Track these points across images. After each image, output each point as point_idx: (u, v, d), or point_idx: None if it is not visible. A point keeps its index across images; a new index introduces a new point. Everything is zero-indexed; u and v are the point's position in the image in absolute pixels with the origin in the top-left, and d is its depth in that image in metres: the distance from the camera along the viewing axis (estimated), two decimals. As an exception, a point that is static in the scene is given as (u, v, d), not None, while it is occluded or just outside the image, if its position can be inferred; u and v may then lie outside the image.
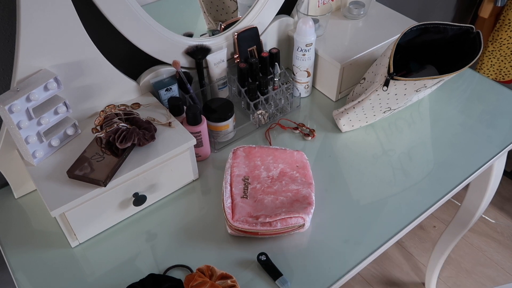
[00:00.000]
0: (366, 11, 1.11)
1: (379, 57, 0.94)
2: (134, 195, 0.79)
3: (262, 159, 0.85)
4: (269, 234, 0.76)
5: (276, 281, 0.71)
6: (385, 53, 0.90)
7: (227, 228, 0.77)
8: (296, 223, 0.75)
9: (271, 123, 0.99)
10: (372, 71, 0.94)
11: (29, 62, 0.72)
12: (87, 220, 0.76)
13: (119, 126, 0.77)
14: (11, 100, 0.69)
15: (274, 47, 1.02)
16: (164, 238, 0.78)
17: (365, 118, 0.95)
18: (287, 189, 0.80)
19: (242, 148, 0.86)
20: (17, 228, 0.81)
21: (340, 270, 0.73)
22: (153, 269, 0.73)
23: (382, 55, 0.93)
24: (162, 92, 0.90)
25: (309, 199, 0.79)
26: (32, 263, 0.75)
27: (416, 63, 1.02)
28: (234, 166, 0.83)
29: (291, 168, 0.84)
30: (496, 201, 1.81)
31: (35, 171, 0.76)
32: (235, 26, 0.97)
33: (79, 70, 0.79)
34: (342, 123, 0.95)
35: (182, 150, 0.81)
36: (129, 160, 0.77)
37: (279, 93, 1.00)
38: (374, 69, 0.94)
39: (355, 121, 0.95)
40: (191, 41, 0.91)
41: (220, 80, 0.99)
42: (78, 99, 0.82)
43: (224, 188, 0.79)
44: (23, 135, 0.73)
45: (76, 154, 0.77)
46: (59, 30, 0.73)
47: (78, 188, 0.72)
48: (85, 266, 0.75)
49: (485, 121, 0.99)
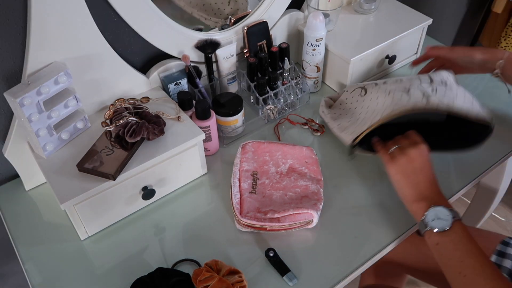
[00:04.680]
0: (377, 6, 1.10)
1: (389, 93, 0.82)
2: (143, 189, 0.79)
3: (271, 155, 0.85)
4: (277, 230, 0.76)
5: (284, 277, 0.71)
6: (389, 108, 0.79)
7: (236, 223, 0.77)
8: (304, 219, 0.75)
9: (280, 118, 0.98)
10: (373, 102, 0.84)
11: (39, 55, 0.73)
12: (96, 213, 0.76)
13: (128, 120, 0.77)
14: (22, 93, 0.69)
15: (284, 42, 1.01)
16: (173, 232, 0.79)
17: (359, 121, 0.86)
18: (295, 185, 0.80)
19: (251, 143, 0.86)
20: (27, 220, 0.81)
21: (349, 266, 0.73)
22: (162, 263, 0.74)
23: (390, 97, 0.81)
24: (171, 86, 0.90)
25: (318, 195, 0.78)
26: (42, 255, 0.76)
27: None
28: (243, 161, 0.82)
29: (300, 164, 0.84)
30: (507, 199, 1.79)
31: (46, 163, 0.76)
32: (245, 20, 0.96)
33: (89, 64, 0.80)
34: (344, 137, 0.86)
35: (191, 144, 0.81)
36: (138, 154, 0.77)
37: (288, 88, 1.00)
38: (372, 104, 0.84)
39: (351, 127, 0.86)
40: (201, 35, 0.91)
41: (229, 75, 0.98)
42: (88, 93, 0.83)
43: (233, 183, 0.79)
44: (34, 128, 0.73)
45: (86, 147, 0.77)
46: (69, 23, 0.73)
47: (88, 181, 0.73)
48: (94, 258, 0.75)
49: (497, 118, 0.97)
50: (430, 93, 0.78)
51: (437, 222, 0.67)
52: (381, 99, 0.82)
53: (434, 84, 0.81)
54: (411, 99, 0.78)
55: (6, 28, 0.70)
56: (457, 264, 0.65)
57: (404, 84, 0.82)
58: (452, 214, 0.67)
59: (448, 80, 0.82)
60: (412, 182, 0.73)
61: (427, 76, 0.84)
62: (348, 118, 0.88)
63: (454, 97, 0.78)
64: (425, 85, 0.81)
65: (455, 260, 0.65)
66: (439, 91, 0.79)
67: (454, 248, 0.66)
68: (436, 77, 0.83)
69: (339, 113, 0.91)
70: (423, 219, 0.69)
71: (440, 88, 0.80)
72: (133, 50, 0.87)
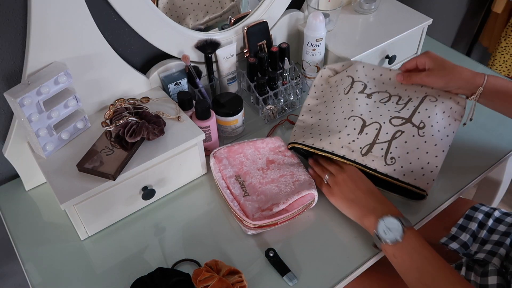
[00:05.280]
0: (377, 6, 1.10)
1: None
2: (143, 189, 0.79)
3: (245, 154, 0.85)
4: (288, 220, 0.77)
5: (284, 276, 0.71)
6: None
7: (245, 230, 0.76)
8: (308, 201, 0.78)
9: (280, 119, 0.98)
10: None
11: (39, 55, 0.73)
12: (96, 213, 0.76)
13: (128, 120, 0.77)
14: (22, 93, 0.69)
15: (284, 42, 1.01)
16: (173, 232, 0.79)
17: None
18: (282, 174, 0.81)
19: (222, 149, 0.85)
20: (27, 219, 0.81)
21: (349, 266, 0.73)
22: (162, 263, 0.74)
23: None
24: (171, 86, 0.90)
25: (306, 175, 0.81)
26: (42, 255, 0.76)
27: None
28: (221, 170, 0.82)
29: (275, 154, 0.85)
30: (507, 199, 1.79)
31: (46, 163, 0.76)
32: (245, 21, 0.96)
33: (89, 64, 0.79)
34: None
35: (191, 144, 0.81)
36: (138, 154, 0.77)
37: (288, 88, 1.00)
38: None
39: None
40: (201, 35, 0.91)
41: (229, 75, 0.98)
42: (88, 93, 0.83)
43: (225, 194, 0.78)
44: (34, 128, 0.73)
45: (86, 147, 0.77)
46: (69, 23, 0.73)
47: (88, 181, 0.73)
48: (94, 258, 0.75)
49: (497, 118, 0.98)
50: (383, 154, 0.78)
51: (388, 234, 0.68)
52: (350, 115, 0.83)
53: (404, 125, 0.80)
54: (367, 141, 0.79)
55: (6, 28, 0.70)
56: (416, 274, 0.65)
57: (381, 110, 0.83)
58: (401, 223, 0.68)
59: (430, 121, 0.80)
60: (353, 200, 0.74)
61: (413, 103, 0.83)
62: (316, 119, 0.88)
63: (412, 151, 0.79)
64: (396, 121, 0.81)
65: (413, 269, 0.66)
66: (399, 147, 0.79)
67: (410, 259, 0.66)
68: (421, 115, 0.81)
69: (318, 109, 0.90)
70: (375, 233, 0.69)
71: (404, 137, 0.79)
72: (133, 50, 0.87)
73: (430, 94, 0.84)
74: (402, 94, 0.86)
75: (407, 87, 0.87)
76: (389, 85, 0.88)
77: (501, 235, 0.85)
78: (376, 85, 0.88)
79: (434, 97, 0.84)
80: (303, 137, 0.84)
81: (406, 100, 0.84)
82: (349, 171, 0.77)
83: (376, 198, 0.74)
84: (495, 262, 0.78)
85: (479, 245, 0.86)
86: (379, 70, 0.90)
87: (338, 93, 0.89)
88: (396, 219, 0.68)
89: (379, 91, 0.87)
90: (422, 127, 0.80)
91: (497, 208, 0.92)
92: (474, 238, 0.88)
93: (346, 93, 0.87)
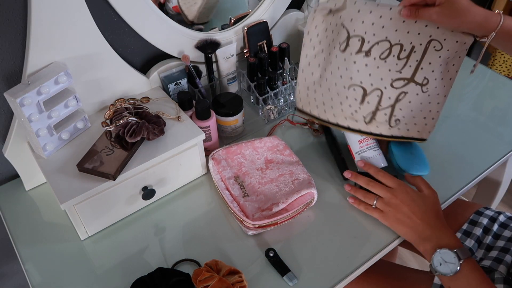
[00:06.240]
0: (377, 6, 1.10)
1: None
2: (143, 189, 0.79)
3: (243, 155, 0.85)
4: (288, 219, 0.77)
5: (284, 276, 0.71)
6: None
7: (245, 230, 0.76)
8: (307, 200, 0.77)
9: (280, 119, 0.98)
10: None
11: (39, 55, 0.73)
12: (96, 213, 0.76)
13: (128, 120, 0.77)
14: (23, 93, 0.69)
15: (284, 42, 1.01)
16: (173, 232, 0.79)
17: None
18: (280, 174, 0.81)
19: (220, 150, 0.85)
20: (27, 219, 0.81)
21: (349, 266, 0.73)
22: (162, 263, 0.74)
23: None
24: (171, 86, 0.90)
25: (305, 173, 0.81)
26: (42, 255, 0.76)
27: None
28: (220, 172, 0.82)
29: (274, 153, 0.85)
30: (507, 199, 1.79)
31: (46, 163, 0.76)
32: (245, 21, 0.96)
33: (89, 64, 0.80)
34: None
35: (191, 144, 0.81)
36: (138, 154, 0.77)
37: (288, 88, 1.00)
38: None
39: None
40: (201, 35, 0.91)
41: (229, 75, 0.98)
42: (88, 93, 0.83)
43: (224, 195, 0.79)
44: (34, 128, 0.73)
45: (86, 147, 0.77)
46: (69, 23, 0.73)
47: (88, 181, 0.73)
48: (94, 258, 0.75)
49: (497, 118, 0.98)
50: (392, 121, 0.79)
51: (444, 267, 0.66)
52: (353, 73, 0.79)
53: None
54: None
55: (6, 28, 0.70)
56: None
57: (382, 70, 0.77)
58: (458, 256, 0.66)
59: (434, 75, 0.76)
60: (409, 225, 0.73)
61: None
62: (317, 75, 0.84)
63: (416, 107, 0.78)
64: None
65: None
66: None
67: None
68: (424, 71, 0.76)
69: (317, 61, 0.84)
70: (431, 265, 0.68)
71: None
72: (133, 50, 0.87)
73: (435, 38, 0.75)
74: (404, 40, 0.76)
75: (409, 29, 0.75)
76: (390, 28, 0.76)
77: (506, 241, 0.83)
78: (375, 34, 0.76)
79: (440, 43, 0.75)
80: (309, 105, 0.85)
81: (408, 52, 0.76)
82: (400, 195, 0.74)
83: (432, 224, 0.71)
84: (501, 270, 0.77)
85: (484, 251, 0.85)
86: (377, 11, 0.75)
87: (334, 46, 0.80)
88: (452, 252, 0.66)
89: (379, 41, 0.76)
90: (425, 84, 0.76)
91: (502, 212, 0.90)
92: (479, 244, 0.86)
93: (343, 50, 0.79)
